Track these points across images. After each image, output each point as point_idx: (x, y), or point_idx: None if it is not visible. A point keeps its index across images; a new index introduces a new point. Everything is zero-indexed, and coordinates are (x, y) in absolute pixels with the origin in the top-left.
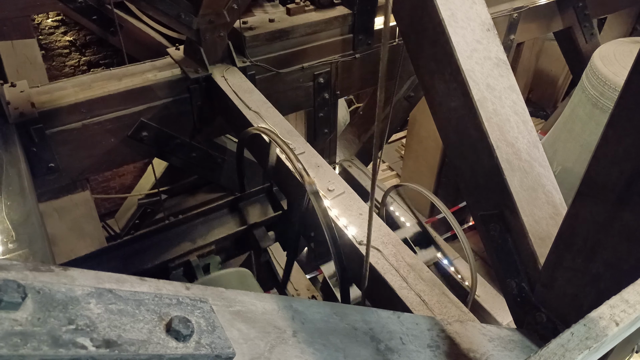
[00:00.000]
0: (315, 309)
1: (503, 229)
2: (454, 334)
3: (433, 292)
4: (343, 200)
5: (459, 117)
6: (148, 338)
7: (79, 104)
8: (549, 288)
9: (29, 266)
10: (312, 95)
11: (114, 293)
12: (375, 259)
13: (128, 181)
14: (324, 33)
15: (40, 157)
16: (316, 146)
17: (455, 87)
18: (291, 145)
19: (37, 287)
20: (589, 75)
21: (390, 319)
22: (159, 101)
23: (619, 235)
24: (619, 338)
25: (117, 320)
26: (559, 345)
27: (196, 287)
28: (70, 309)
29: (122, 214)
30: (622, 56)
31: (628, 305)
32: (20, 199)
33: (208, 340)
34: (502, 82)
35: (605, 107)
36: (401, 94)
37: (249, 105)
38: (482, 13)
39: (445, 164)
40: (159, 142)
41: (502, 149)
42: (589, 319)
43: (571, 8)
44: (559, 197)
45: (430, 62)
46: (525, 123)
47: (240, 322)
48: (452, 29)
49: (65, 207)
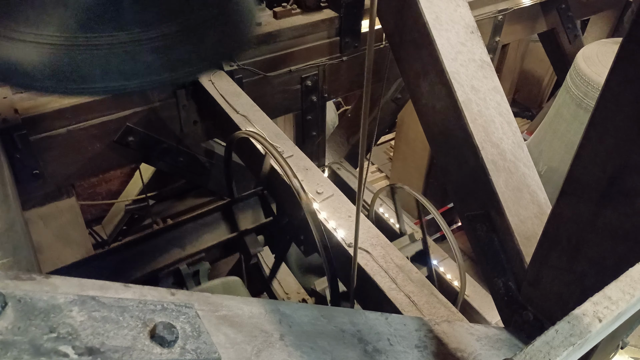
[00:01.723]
0: (302, 312)
1: (489, 228)
2: (441, 334)
3: (422, 292)
4: (332, 202)
5: (444, 119)
6: (132, 345)
7: (64, 109)
8: (535, 287)
9: (9, 275)
10: (300, 98)
11: (97, 300)
12: (364, 261)
13: (115, 187)
14: (311, 36)
15: (24, 163)
16: (305, 149)
17: (440, 89)
18: (279, 148)
19: (18, 295)
20: (572, 75)
21: (378, 320)
22: (145, 106)
23: (602, 233)
24: (602, 334)
25: (100, 328)
26: (544, 342)
27: (181, 292)
28: (52, 317)
29: (109, 220)
30: (604, 57)
31: (611, 302)
32: (4, 206)
33: (193, 346)
34: (487, 83)
35: (589, 107)
36: (388, 96)
37: (236, 109)
38: (466, 16)
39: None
40: (145, 146)
41: (487, 150)
42: (573, 316)
43: (555, 10)
44: (543, 196)
45: (415, 64)
46: (509, 124)
47: (227, 327)
48: (437, 31)
49: (51, 214)
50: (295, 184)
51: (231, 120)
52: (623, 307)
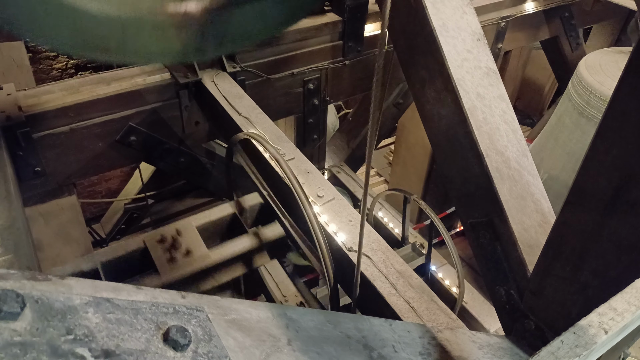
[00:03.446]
0: (309, 317)
1: (492, 236)
2: (444, 342)
3: (422, 299)
4: (332, 206)
5: (449, 125)
6: (146, 348)
7: (67, 107)
8: (537, 296)
9: (26, 275)
10: (302, 101)
11: (112, 302)
12: (364, 266)
13: (114, 185)
14: (314, 39)
15: (26, 161)
16: (305, 152)
17: (445, 95)
18: (281, 151)
19: (35, 296)
20: (575, 84)
21: (383, 326)
22: (148, 106)
23: (607, 244)
24: (607, 346)
25: (115, 330)
26: (549, 353)
27: (192, 295)
28: (68, 318)
29: (108, 218)
30: (607, 66)
31: (616, 313)
32: (5, 203)
33: (205, 350)
34: (492, 91)
35: (591, 116)
36: (390, 101)
37: (238, 110)
38: (473, 23)
39: (433, 170)
40: (147, 146)
41: (491, 157)
42: (579, 327)
43: (558, 18)
44: (547, 205)
45: (421, 70)
46: (514, 132)
47: (236, 331)
48: (444, 38)
49: (51, 212)
50: (296, 187)
51: (233, 121)
52: (628, 318)
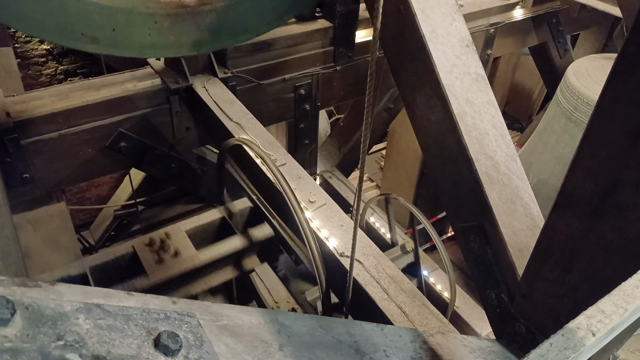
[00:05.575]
0: (300, 322)
1: (482, 240)
2: (436, 346)
3: (414, 303)
4: (324, 211)
5: (439, 131)
6: (137, 353)
7: (56, 113)
8: (527, 299)
9: (16, 281)
10: (293, 107)
11: (103, 308)
12: (356, 271)
13: (104, 192)
14: (305, 45)
15: (14, 167)
16: (297, 157)
17: (435, 101)
18: (273, 156)
19: (25, 302)
20: (563, 89)
21: (374, 331)
22: (138, 111)
23: (595, 247)
24: (595, 348)
25: (106, 336)
26: (538, 355)
27: (183, 301)
28: (59, 324)
29: (98, 225)
30: (594, 71)
31: (604, 315)
32: None
33: (196, 355)
34: (481, 96)
35: (578, 121)
36: (381, 106)
37: (230, 116)
38: (462, 29)
39: (424, 175)
40: (137, 152)
41: (481, 162)
42: (567, 329)
43: (545, 24)
44: (536, 209)
45: (411, 76)
46: (503, 136)
47: (228, 337)
48: (433, 44)
49: (40, 219)
50: (288, 193)
51: (224, 127)
52: (616, 320)
